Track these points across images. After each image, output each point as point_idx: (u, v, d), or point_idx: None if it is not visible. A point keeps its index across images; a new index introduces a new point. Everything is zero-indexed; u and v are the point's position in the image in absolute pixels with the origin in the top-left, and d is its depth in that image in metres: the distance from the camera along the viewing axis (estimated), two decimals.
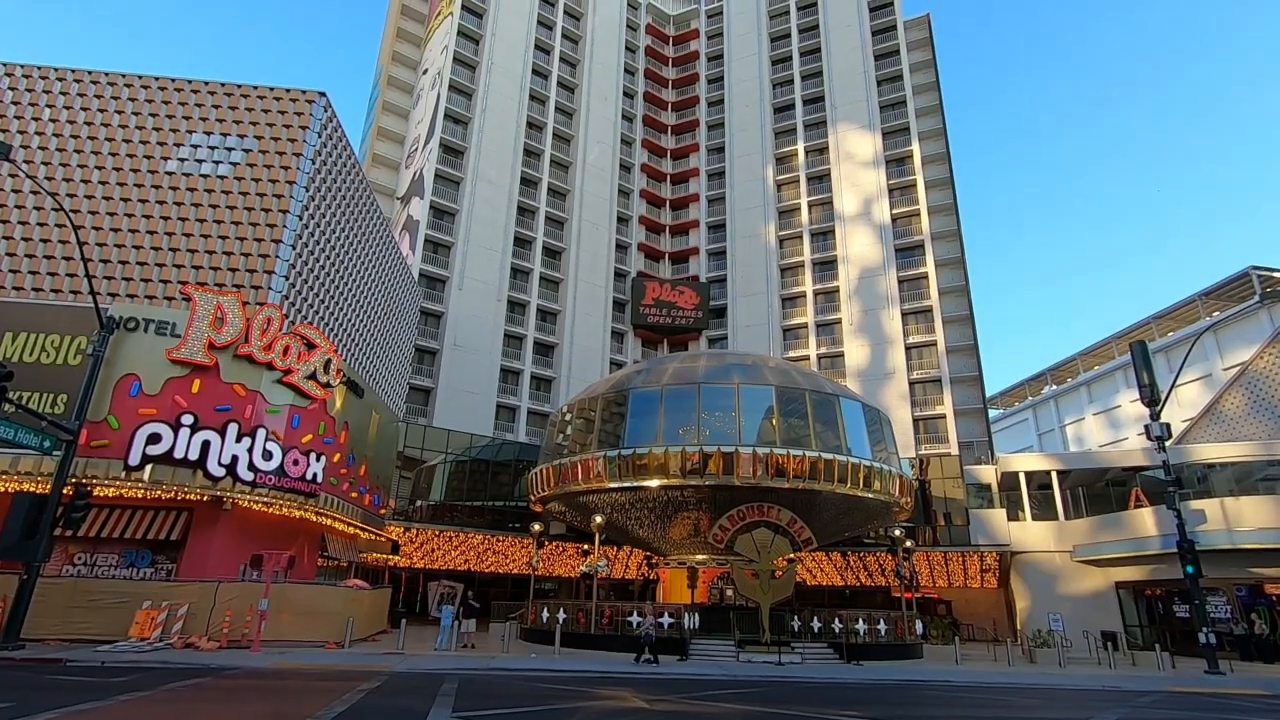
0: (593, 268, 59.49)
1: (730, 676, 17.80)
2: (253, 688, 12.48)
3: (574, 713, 11.03)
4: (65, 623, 17.96)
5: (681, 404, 27.54)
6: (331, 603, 21.44)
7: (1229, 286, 48.27)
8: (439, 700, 11.36)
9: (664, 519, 27.87)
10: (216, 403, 21.36)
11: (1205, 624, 22.99)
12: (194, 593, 19.01)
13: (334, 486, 24.59)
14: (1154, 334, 53.88)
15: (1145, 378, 26.42)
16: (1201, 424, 43.44)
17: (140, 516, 21.18)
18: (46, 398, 20.38)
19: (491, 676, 16.00)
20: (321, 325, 29.73)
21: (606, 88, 66.11)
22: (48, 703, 9.52)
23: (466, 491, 39.27)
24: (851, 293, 55.93)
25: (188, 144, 28.43)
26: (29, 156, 27.03)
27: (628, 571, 42.54)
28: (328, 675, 14.55)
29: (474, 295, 52.13)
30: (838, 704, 13.18)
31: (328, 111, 30.67)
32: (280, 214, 27.66)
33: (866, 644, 24.31)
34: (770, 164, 63.58)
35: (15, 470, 19.81)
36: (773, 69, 67.37)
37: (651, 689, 14.57)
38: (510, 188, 56.80)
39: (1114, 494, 37.31)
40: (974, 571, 37.87)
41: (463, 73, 58.20)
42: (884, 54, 62.55)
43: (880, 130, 59.73)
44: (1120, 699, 15.79)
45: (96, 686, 11.53)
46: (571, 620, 25.07)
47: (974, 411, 49.73)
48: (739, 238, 62.47)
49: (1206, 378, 47.05)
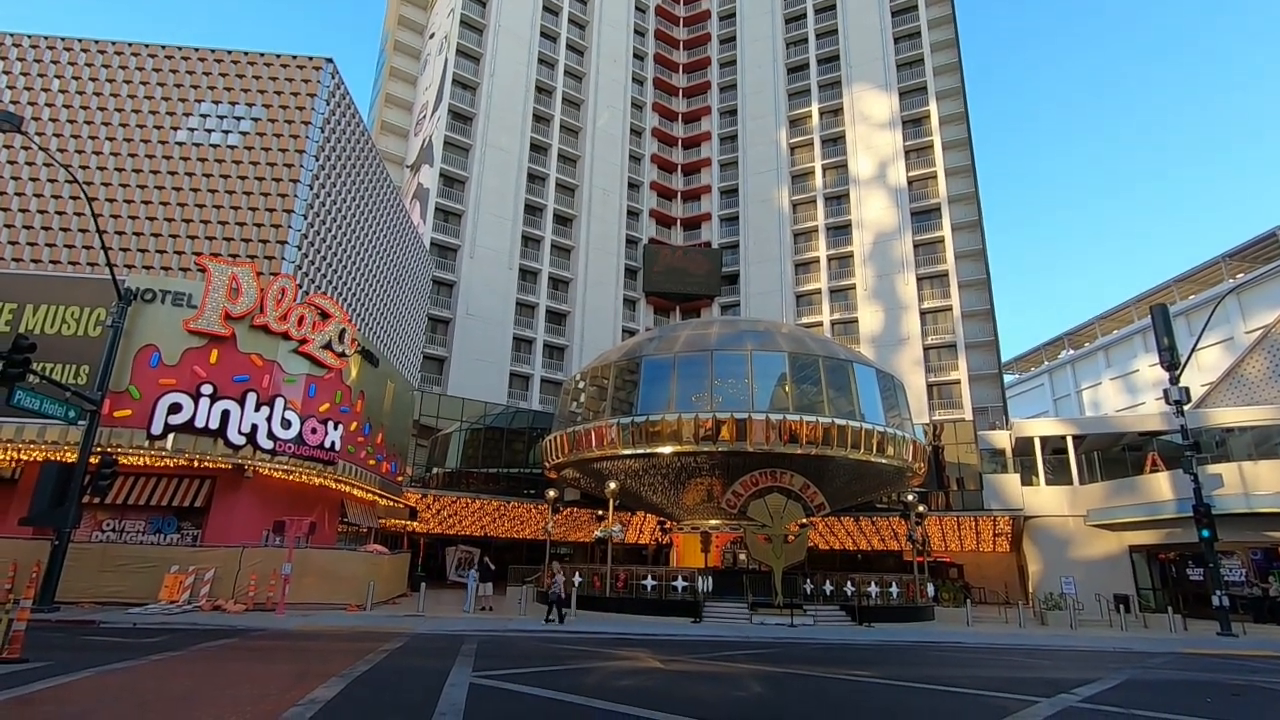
0: (604, 235, 59.08)
1: (743, 638, 18.12)
2: (280, 648, 12.87)
3: (591, 672, 11.30)
4: (97, 586, 18.53)
5: (694, 371, 27.56)
6: (353, 567, 21.95)
7: (1254, 247, 47.20)
8: (459, 660, 11.67)
9: (677, 485, 28.12)
10: (234, 373, 21.64)
11: (1219, 587, 23.02)
12: (219, 557, 19.52)
13: (351, 454, 24.97)
14: (1175, 297, 52.90)
15: (1165, 341, 26.06)
16: (1221, 388, 42.83)
17: (165, 484, 21.68)
18: (69, 369, 20.70)
19: (509, 638, 16.38)
20: (335, 295, 29.87)
21: (616, 50, 64.78)
22: (85, 662, 9.87)
23: (481, 459, 39.74)
24: (866, 257, 55.27)
25: (197, 113, 28.30)
26: (40, 128, 27.07)
27: (641, 536, 43.11)
28: (351, 636, 14.97)
29: (485, 263, 52.05)
30: (849, 664, 13.40)
31: (335, 78, 30.35)
32: (291, 183, 27.60)
33: (878, 607, 24.62)
34: (784, 126, 62.38)
35: (43, 440, 20.25)
36: (786, 28, 65.65)
37: (666, 649, 14.87)
38: (520, 154, 56.22)
39: (1129, 459, 37.11)
40: (986, 536, 38.02)
41: (470, 36, 57.21)
42: (901, 9, 60.72)
43: (897, 90, 58.29)
44: (1131, 659, 15.93)
45: (130, 646, 11.93)
46: (587, 584, 25.53)
47: (989, 377, 49.40)
48: (752, 203, 61.67)
49: (1228, 341, 46.27)
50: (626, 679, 10.76)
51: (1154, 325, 27.17)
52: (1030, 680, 12.03)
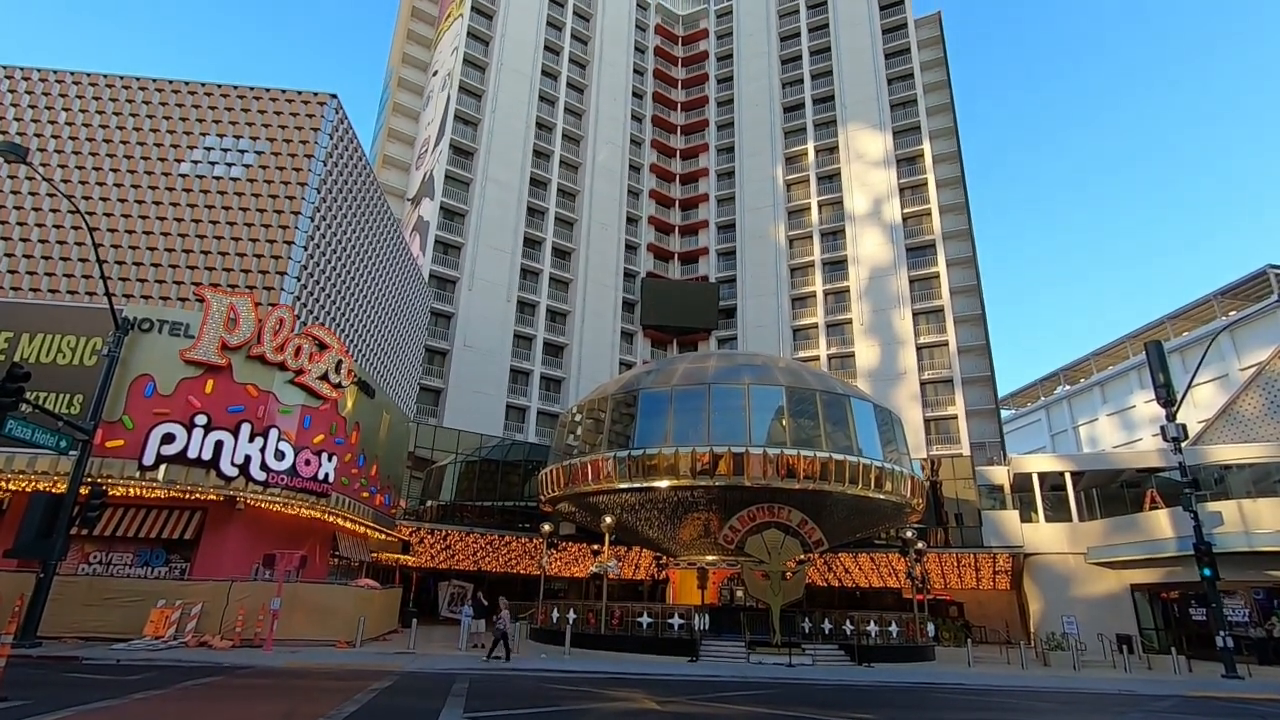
0: (602, 268, 59.50)
1: (741, 678, 17.74)
2: (265, 687, 12.55)
3: (585, 714, 11.01)
4: (82, 620, 18.12)
5: (691, 404, 27.48)
6: (343, 602, 21.53)
7: (1246, 285, 47.68)
8: (450, 700, 11.38)
9: (674, 519, 27.82)
10: (230, 403, 21.52)
11: (1223, 627, 22.68)
12: (207, 591, 19.15)
13: (345, 486, 24.72)
14: (1169, 334, 53.27)
15: (1161, 378, 26.12)
16: (1217, 425, 42.84)
17: (155, 516, 21.38)
18: (63, 398, 20.59)
19: (502, 677, 16.01)
20: (333, 326, 29.89)
21: (616, 88, 66.10)
22: (63, 700, 9.60)
23: (477, 491, 39.35)
24: (862, 293, 55.66)
25: (201, 146, 28.65)
26: (45, 160, 27.35)
27: (638, 572, 42.48)
28: (339, 674, 14.61)
29: (484, 296, 52.26)
30: (849, 707, 13.10)
31: (339, 113, 30.83)
32: (292, 215, 27.83)
33: (878, 646, 24.17)
34: (780, 163, 63.38)
35: (33, 470, 20.03)
36: (782, 68, 67.17)
37: (662, 690, 14.54)
38: (520, 189, 56.90)
39: (1129, 495, 36.90)
40: (986, 573, 37.56)
41: (472, 74, 58.38)
42: (894, 52, 62.21)
43: (891, 129, 59.39)
44: (1137, 703, 15.61)
45: (111, 684, 11.62)
46: (581, 620, 25.07)
47: (986, 412, 49.35)
48: (748, 238, 62.30)
49: (1223, 378, 46.47)
50: None
51: (1149, 362, 27.26)
52: None
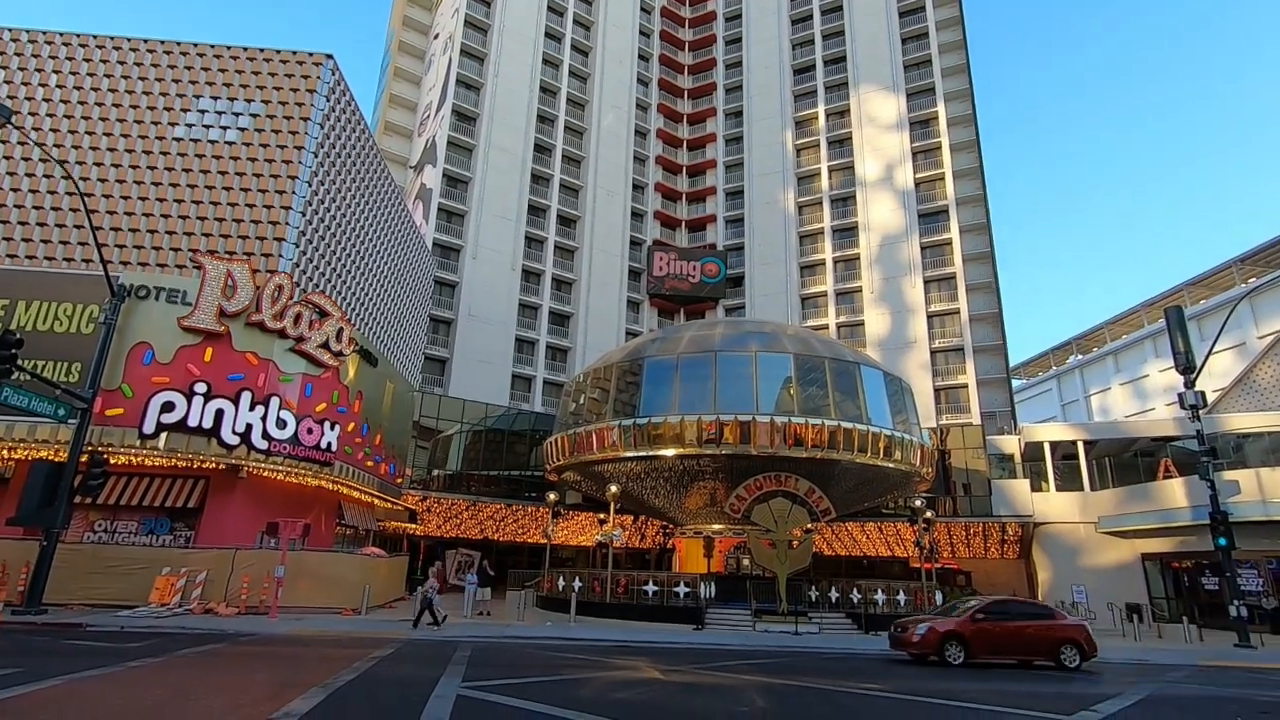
0: (608, 236, 58.67)
1: (746, 646, 17.60)
2: (266, 654, 12.42)
3: (587, 683, 10.81)
4: (87, 588, 18.14)
5: (698, 372, 27.05)
6: (348, 570, 21.50)
7: (1267, 251, 46.49)
8: (450, 669, 11.20)
9: (680, 488, 27.61)
10: (229, 371, 21.26)
11: (1237, 597, 22.38)
12: (212, 559, 19.11)
13: (349, 455, 24.56)
14: (1186, 301, 52.17)
15: (1180, 344, 25.43)
16: (1233, 394, 42.12)
17: (158, 484, 21.29)
18: (61, 366, 20.35)
19: (505, 645, 15.91)
20: (333, 293, 29.50)
21: (621, 51, 64.46)
22: (57, 669, 9.44)
23: (482, 461, 39.30)
24: (872, 260, 54.71)
25: (195, 109, 27.98)
26: (37, 123, 26.76)
27: (644, 541, 42.57)
28: (342, 642, 14.52)
29: (488, 264, 51.69)
30: (857, 676, 12.88)
31: (335, 74, 30.03)
32: (289, 180, 27.26)
33: (885, 615, 24.01)
34: (789, 128, 61.92)
35: (33, 438, 19.89)
36: (792, 29, 65.23)
37: (666, 659, 14.38)
38: (524, 154, 55.88)
39: (1142, 465, 36.43)
40: (995, 542, 37.35)
41: (474, 36, 56.95)
42: (908, 10, 60.26)
43: (904, 91, 57.77)
44: (1149, 672, 15.36)
45: (111, 652, 11.50)
46: (587, 588, 25.04)
47: (997, 381, 48.77)
48: (757, 204, 61.19)
49: (1240, 346, 45.54)
50: (624, 691, 10.27)
51: (1169, 328, 26.53)
52: (1049, 695, 11.49)
